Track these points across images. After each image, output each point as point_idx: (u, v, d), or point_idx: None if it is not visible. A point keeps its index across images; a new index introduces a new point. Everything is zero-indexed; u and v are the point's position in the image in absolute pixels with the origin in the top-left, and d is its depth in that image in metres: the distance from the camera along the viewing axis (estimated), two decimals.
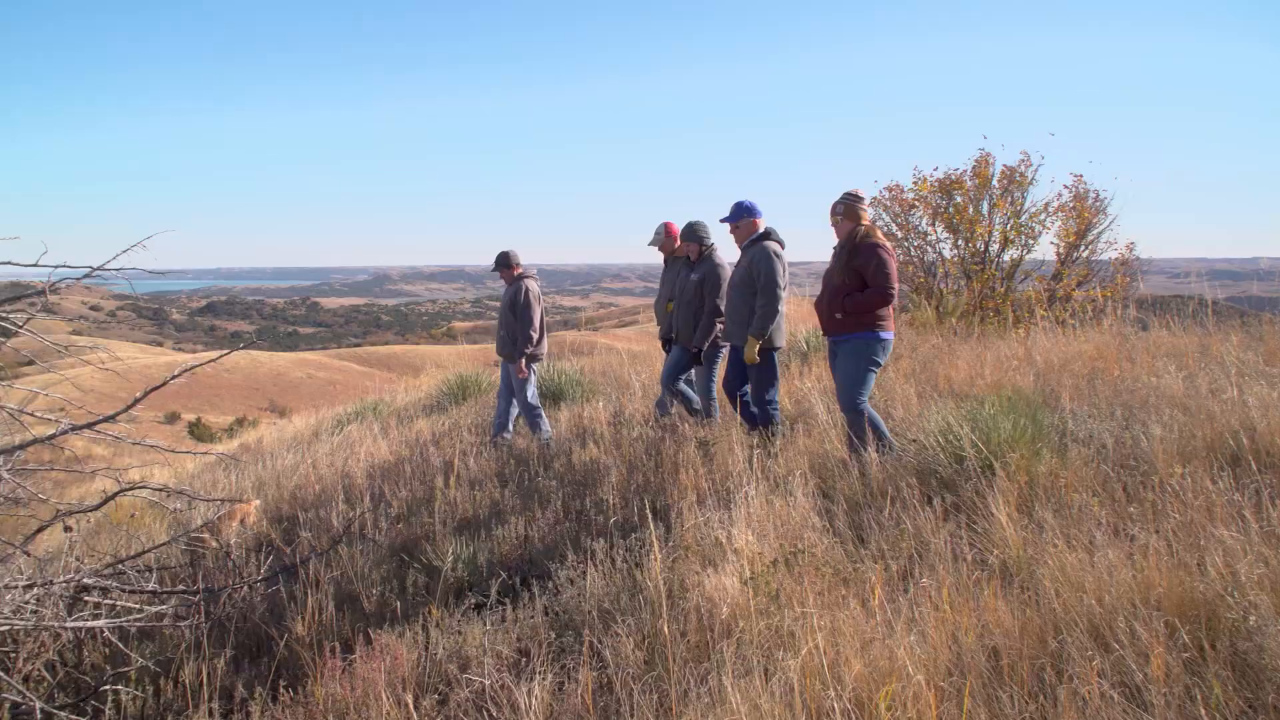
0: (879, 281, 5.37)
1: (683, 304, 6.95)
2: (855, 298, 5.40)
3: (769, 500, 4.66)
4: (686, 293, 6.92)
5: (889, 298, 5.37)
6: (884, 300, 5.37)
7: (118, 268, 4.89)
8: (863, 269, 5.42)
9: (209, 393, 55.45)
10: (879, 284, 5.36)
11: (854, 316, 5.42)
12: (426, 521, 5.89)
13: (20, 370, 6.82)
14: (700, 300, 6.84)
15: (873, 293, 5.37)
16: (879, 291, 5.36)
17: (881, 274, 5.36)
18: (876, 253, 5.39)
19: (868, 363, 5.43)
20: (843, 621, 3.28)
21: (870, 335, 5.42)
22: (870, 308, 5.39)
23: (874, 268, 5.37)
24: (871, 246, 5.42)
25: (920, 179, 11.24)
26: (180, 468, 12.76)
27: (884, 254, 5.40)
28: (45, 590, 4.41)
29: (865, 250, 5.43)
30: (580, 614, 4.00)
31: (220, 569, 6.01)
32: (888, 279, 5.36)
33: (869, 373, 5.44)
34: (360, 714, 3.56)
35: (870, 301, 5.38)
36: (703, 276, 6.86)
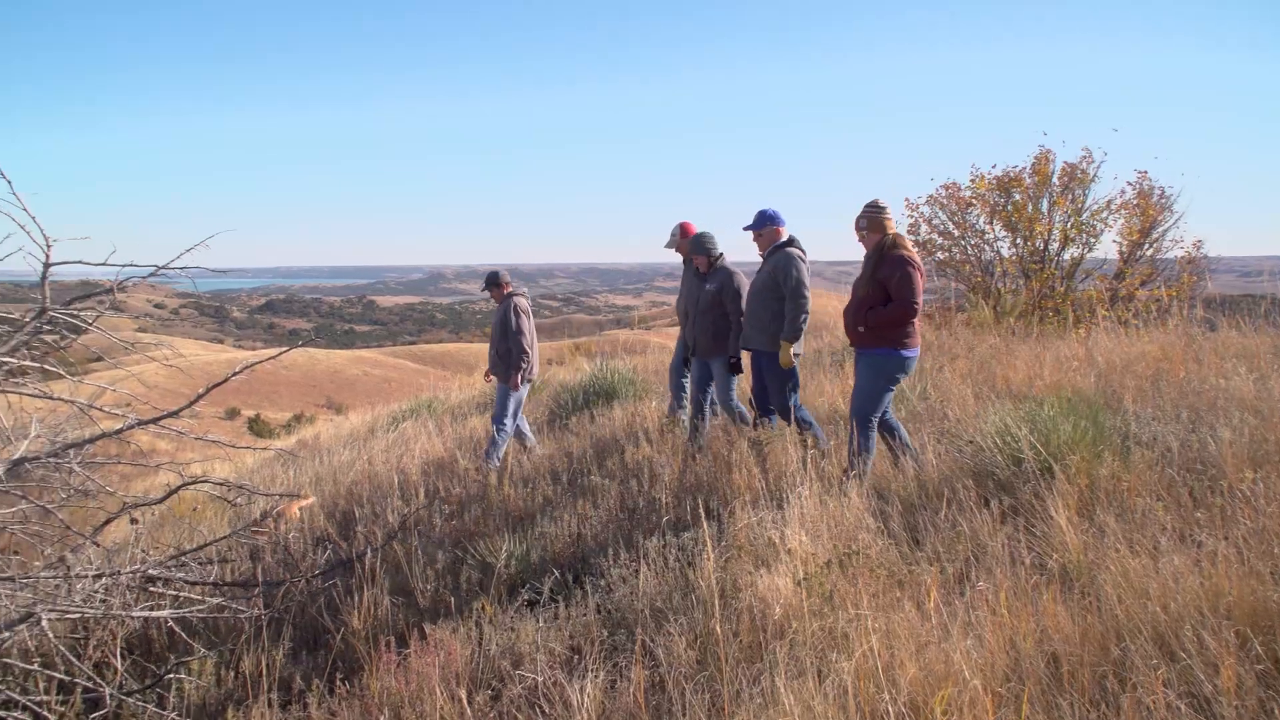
0: (903, 295, 5.18)
1: (699, 314, 6.85)
2: (878, 312, 5.25)
3: (822, 500, 4.62)
4: (703, 303, 6.83)
5: (912, 313, 5.19)
6: (907, 316, 5.20)
7: (182, 266, 5.01)
8: (886, 281, 5.25)
9: (268, 389, 56.49)
10: (903, 298, 5.18)
11: (876, 331, 5.28)
12: (480, 518, 5.94)
13: (89, 366, 7.02)
14: (721, 310, 6.77)
15: (896, 307, 5.20)
16: (902, 305, 5.18)
17: (906, 288, 5.18)
18: (902, 266, 5.21)
19: (886, 379, 5.29)
20: (897, 624, 3.25)
21: (891, 352, 5.26)
22: (893, 323, 5.23)
23: (898, 281, 5.20)
24: (897, 259, 5.25)
25: (978, 177, 11.07)
26: (240, 463, 13.02)
27: (910, 267, 5.21)
28: (113, 580, 4.54)
29: (890, 262, 5.27)
30: (633, 612, 4.00)
31: (279, 562, 6.12)
32: (912, 293, 5.17)
33: (886, 390, 5.30)
34: (414, 708, 3.60)
35: (893, 316, 5.21)
36: (720, 286, 6.77)
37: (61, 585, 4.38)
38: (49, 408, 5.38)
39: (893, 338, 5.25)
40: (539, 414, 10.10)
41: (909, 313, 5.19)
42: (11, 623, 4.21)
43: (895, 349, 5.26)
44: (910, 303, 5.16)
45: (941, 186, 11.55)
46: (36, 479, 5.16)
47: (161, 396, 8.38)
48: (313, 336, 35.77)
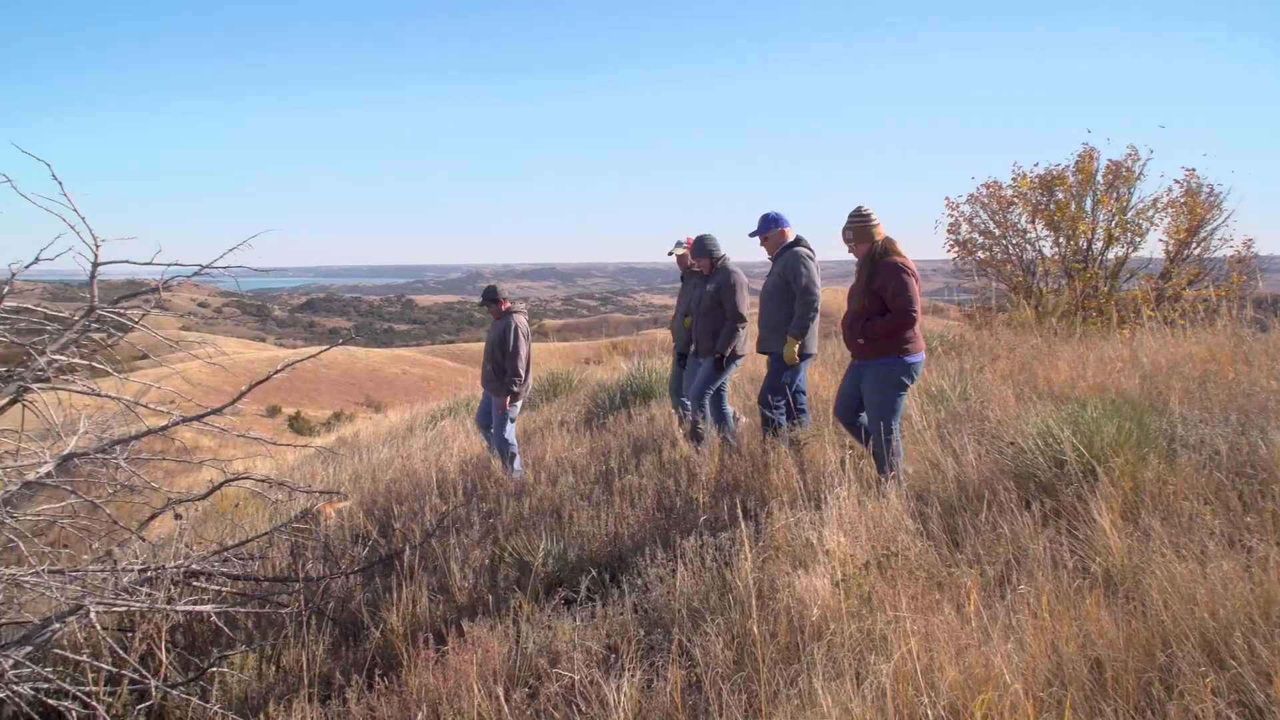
0: (900, 304, 5.09)
1: (700, 315, 6.91)
2: (876, 323, 5.16)
3: (861, 501, 4.59)
4: (704, 304, 6.88)
5: (911, 320, 5.11)
6: (906, 324, 5.12)
7: (225, 266, 5.09)
8: (882, 291, 5.17)
9: (308, 387, 57.17)
10: (900, 306, 5.09)
11: (877, 342, 5.21)
12: (517, 516, 5.96)
13: (135, 364, 7.14)
14: (719, 310, 6.78)
15: (894, 316, 5.11)
16: (901, 314, 5.10)
17: (903, 296, 5.09)
18: (896, 274, 5.12)
19: (895, 388, 5.21)
20: (937, 627, 3.21)
21: (895, 360, 5.18)
22: (893, 332, 5.15)
23: (893, 290, 5.11)
24: (890, 267, 5.16)
25: (1020, 175, 10.94)
26: (281, 460, 13.20)
27: (904, 274, 5.13)
28: (158, 574, 4.61)
29: (884, 270, 5.18)
30: (669, 612, 4.00)
31: (319, 559, 6.19)
32: (909, 301, 5.08)
33: (897, 397, 5.23)
34: (452, 705, 3.62)
35: (892, 326, 5.12)
36: (718, 285, 6.80)
37: (109, 579, 4.46)
38: (97, 404, 5.49)
39: (895, 346, 5.18)
40: (577, 413, 10.13)
41: (908, 320, 5.10)
42: (61, 614, 4.30)
43: (899, 357, 5.19)
44: (908, 310, 5.08)
45: (982, 185, 11.43)
46: (84, 474, 5.27)
47: (205, 394, 8.53)
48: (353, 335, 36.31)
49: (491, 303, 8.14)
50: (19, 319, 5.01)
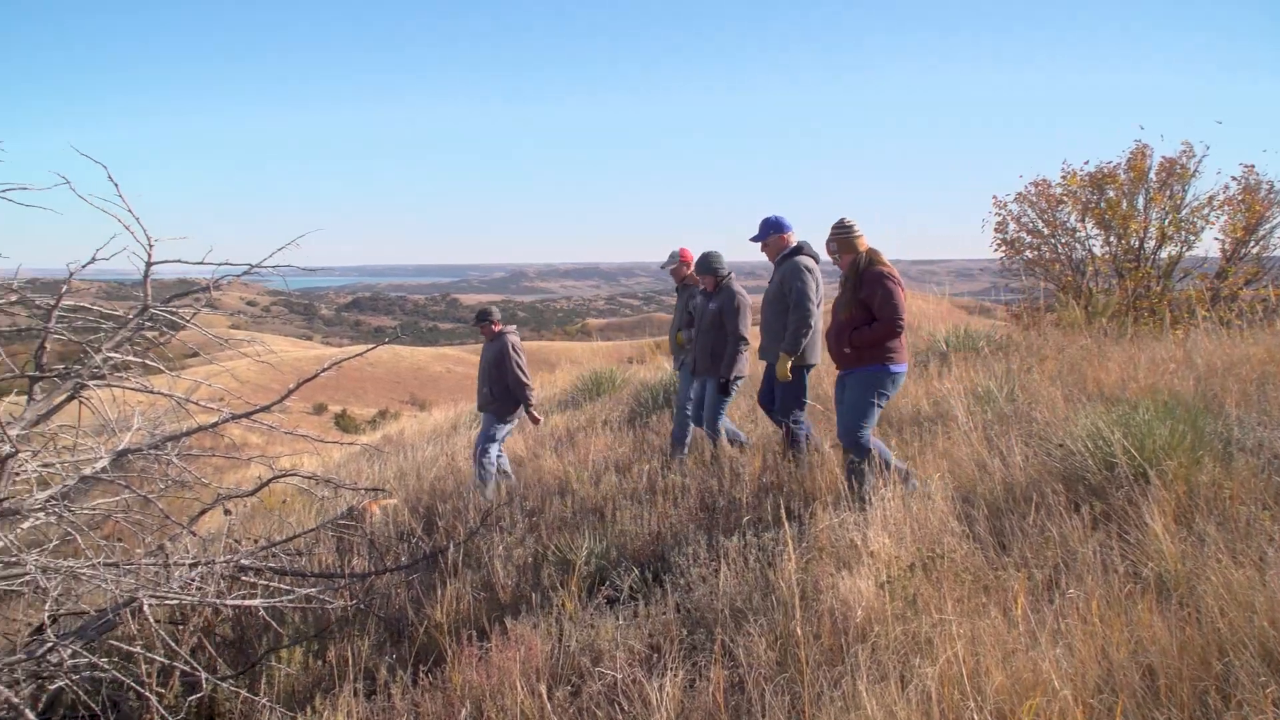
0: (886, 313, 5.09)
1: (700, 333, 6.84)
2: (863, 332, 5.15)
3: (906, 503, 4.54)
4: (704, 322, 6.81)
5: (897, 330, 5.09)
6: (892, 333, 5.10)
7: (274, 265, 5.16)
8: (868, 300, 5.16)
9: (354, 385, 57.85)
10: (886, 316, 5.09)
11: (862, 350, 5.19)
12: (560, 514, 5.99)
13: (186, 361, 7.28)
14: (720, 329, 6.72)
15: (880, 325, 5.11)
16: (887, 324, 5.09)
17: (889, 305, 5.09)
18: (882, 283, 5.11)
19: (874, 394, 5.18)
20: (983, 630, 3.17)
21: (879, 368, 5.17)
22: (878, 341, 5.14)
23: (880, 299, 5.11)
24: (876, 276, 5.15)
25: (1069, 173, 10.75)
26: (327, 457, 13.37)
27: (890, 283, 5.12)
28: (208, 569, 4.70)
29: (870, 280, 5.17)
30: (712, 612, 3.99)
31: (364, 555, 6.27)
32: (895, 310, 5.08)
33: (874, 405, 5.20)
34: (495, 701, 3.65)
35: (878, 335, 5.12)
36: (720, 305, 6.74)
37: (161, 572, 4.55)
38: (149, 401, 5.60)
39: (879, 355, 5.16)
40: (619, 412, 10.14)
41: (894, 330, 5.09)
42: (116, 607, 4.40)
43: (884, 365, 5.17)
44: (894, 320, 5.08)
45: (1031, 184, 11.25)
46: (138, 469, 5.38)
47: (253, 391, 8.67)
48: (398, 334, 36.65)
49: (485, 324, 8.08)
50: (76, 317, 5.12)
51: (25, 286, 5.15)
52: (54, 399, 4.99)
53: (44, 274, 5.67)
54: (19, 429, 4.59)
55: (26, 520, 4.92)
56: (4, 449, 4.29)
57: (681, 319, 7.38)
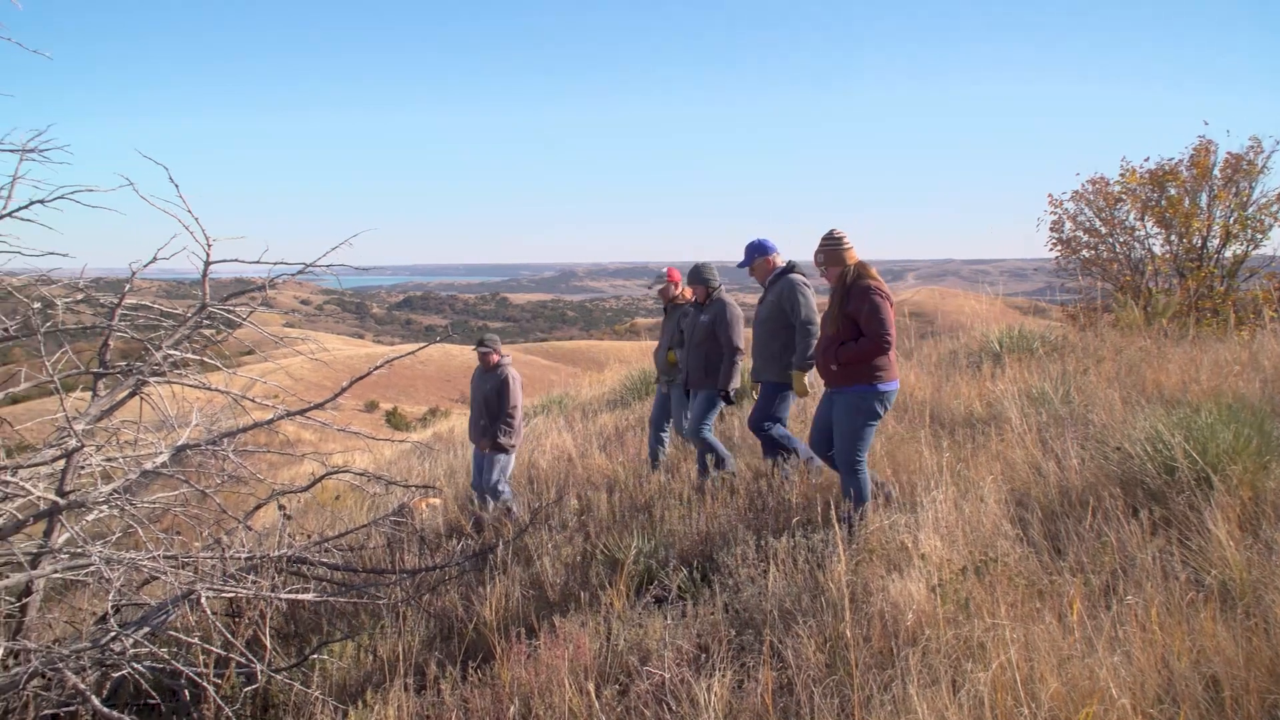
0: (873, 329, 4.90)
1: (693, 346, 6.69)
2: (849, 348, 4.97)
3: (958, 505, 4.48)
4: (697, 335, 6.67)
5: (884, 346, 4.91)
6: (880, 349, 4.92)
7: (327, 264, 5.23)
8: (855, 315, 4.99)
9: (404, 383, 58.49)
10: (873, 331, 4.91)
11: (849, 368, 5.02)
12: (609, 513, 6.00)
13: (241, 359, 7.42)
14: (714, 342, 6.59)
15: (867, 342, 4.93)
16: (874, 340, 4.91)
17: (875, 320, 4.90)
18: (869, 297, 4.95)
19: (865, 417, 5.00)
20: (1037, 636, 3.12)
21: (867, 388, 4.97)
22: (865, 358, 4.96)
23: (867, 314, 4.93)
24: (863, 290, 4.99)
25: (1128, 170, 10.54)
26: (379, 454, 13.53)
27: (877, 298, 4.95)
28: (263, 563, 4.78)
29: (856, 295, 5.01)
30: (761, 613, 3.97)
31: (415, 552, 6.34)
32: (883, 325, 4.89)
33: (867, 428, 5.02)
34: (544, 699, 3.66)
35: (864, 351, 4.94)
36: (713, 317, 6.61)
37: (218, 565, 4.64)
38: (207, 398, 5.72)
39: (867, 373, 4.99)
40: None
41: (880, 346, 4.92)
42: (175, 599, 4.50)
43: (871, 384, 4.99)
44: (881, 335, 4.90)
45: (1088, 181, 11.05)
46: (195, 464, 5.49)
47: (306, 389, 8.83)
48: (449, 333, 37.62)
49: (486, 351, 7.64)
50: (138, 315, 5.24)
51: (90, 285, 5.28)
52: (116, 395, 5.11)
53: (107, 273, 5.81)
54: (84, 424, 4.70)
55: (91, 513, 5.05)
56: (70, 443, 4.41)
57: (671, 339, 7.22)
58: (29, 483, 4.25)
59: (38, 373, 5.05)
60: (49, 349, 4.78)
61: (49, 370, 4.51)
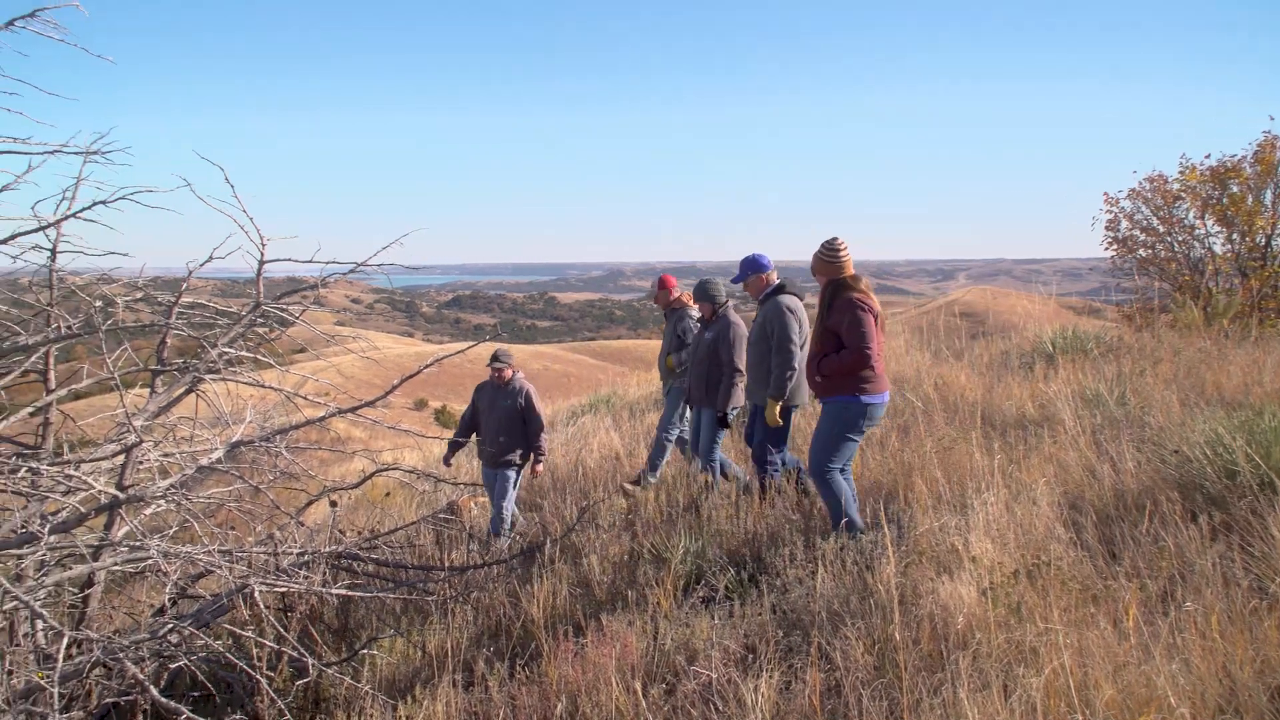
0: (853, 341, 4.84)
1: (696, 362, 6.64)
2: (831, 360, 4.92)
3: (1009, 507, 4.41)
4: (700, 352, 6.61)
5: (865, 359, 4.82)
6: (861, 362, 4.84)
7: (378, 264, 5.30)
8: (836, 328, 4.94)
9: (453, 381, 58.95)
10: (853, 344, 4.84)
11: (833, 379, 4.95)
12: (656, 512, 6.00)
13: (293, 357, 7.53)
14: (716, 360, 6.52)
15: (848, 354, 4.85)
16: (855, 352, 4.83)
17: (856, 333, 4.84)
18: (851, 310, 4.88)
19: (844, 428, 4.93)
20: (1092, 642, 3.06)
21: (850, 399, 4.91)
22: (847, 370, 4.88)
23: (847, 326, 4.87)
24: (845, 303, 4.92)
25: (1188, 168, 10.30)
26: (428, 452, 13.66)
27: (859, 311, 4.87)
28: (314, 558, 4.86)
29: (839, 308, 4.94)
30: (809, 614, 3.94)
31: (463, 549, 6.40)
32: (863, 338, 4.82)
33: (845, 440, 4.94)
34: (591, 697, 3.67)
35: (846, 364, 4.86)
36: (716, 335, 6.53)
37: (270, 560, 4.73)
38: (260, 395, 5.82)
39: (852, 385, 4.91)
40: None
41: (862, 358, 4.83)
42: (230, 592, 4.59)
43: (855, 396, 4.90)
44: (862, 348, 4.82)
45: (1145, 179, 10.83)
46: (249, 460, 5.60)
47: (357, 386, 8.94)
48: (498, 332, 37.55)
49: (505, 364, 7.34)
50: (194, 314, 5.35)
51: (149, 284, 5.41)
52: (174, 392, 5.23)
53: (165, 272, 5.94)
54: (143, 420, 4.82)
55: (149, 507, 5.17)
56: (130, 439, 4.52)
57: (671, 343, 7.18)
58: (90, 477, 4.36)
59: (99, 370, 5.18)
60: (109, 346, 4.91)
61: (110, 367, 4.62)
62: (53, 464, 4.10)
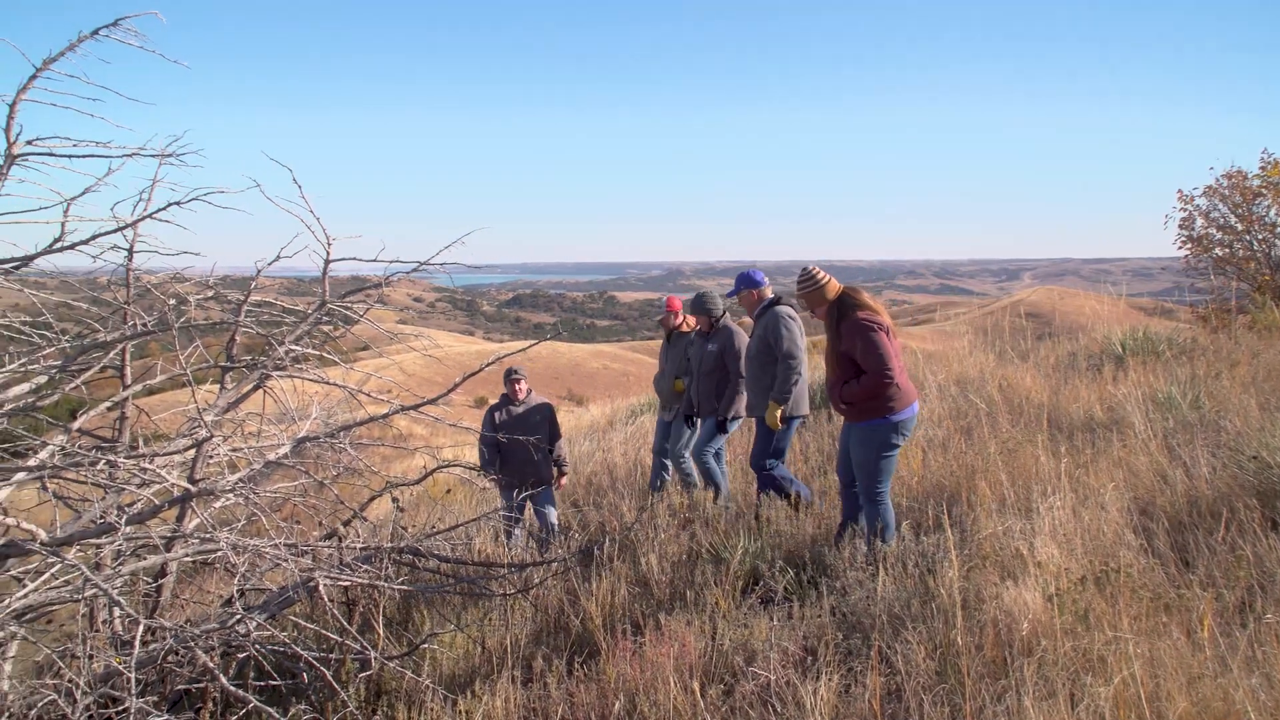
0: (871, 365, 4.71)
1: (701, 375, 6.56)
2: (853, 387, 4.80)
3: (1076, 512, 4.32)
4: (705, 363, 6.53)
5: (887, 380, 4.69)
6: (883, 385, 4.71)
7: (441, 263, 5.35)
8: (850, 352, 4.81)
9: None
10: (872, 367, 4.71)
11: (859, 406, 4.84)
12: (715, 511, 5.98)
13: (357, 355, 7.66)
14: (722, 370, 6.47)
15: (869, 379, 4.73)
16: (875, 376, 4.70)
17: (872, 356, 4.70)
18: (862, 334, 4.75)
19: (880, 449, 4.81)
20: (1164, 652, 2.98)
21: (880, 421, 4.79)
22: (871, 395, 4.77)
23: (862, 351, 4.74)
24: (853, 326, 4.79)
25: (1269, 163, 9.96)
26: None
27: (870, 332, 4.74)
28: (377, 553, 4.93)
29: (847, 332, 4.81)
30: (869, 617, 3.90)
31: (523, 547, 6.44)
32: (881, 361, 4.68)
33: (883, 459, 4.82)
34: (649, 696, 3.67)
35: (869, 389, 4.74)
36: (721, 346, 6.48)
37: (334, 554, 4.81)
38: (324, 392, 5.92)
39: (879, 407, 4.80)
40: None
41: (882, 381, 4.70)
42: (295, 585, 4.68)
43: (884, 417, 4.79)
44: (881, 370, 4.68)
45: (1223, 176, 10.50)
46: (313, 456, 5.70)
47: (418, 384, 9.06)
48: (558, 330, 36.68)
49: (523, 379, 7.19)
50: (262, 312, 5.47)
51: (219, 283, 5.54)
52: (242, 388, 5.34)
53: (234, 271, 6.08)
54: (213, 415, 4.93)
55: (219, 500, 5.30)
56: (200, 433, 4.63)
57: (679, 366, 7.05)
58: (164, 470, 4.48)
59: (172, 366, 5.32)
60: (182, 343, 5.03)
61: (182, 364, 4.74)
62: (129, 457, 4.21)
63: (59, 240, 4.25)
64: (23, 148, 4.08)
